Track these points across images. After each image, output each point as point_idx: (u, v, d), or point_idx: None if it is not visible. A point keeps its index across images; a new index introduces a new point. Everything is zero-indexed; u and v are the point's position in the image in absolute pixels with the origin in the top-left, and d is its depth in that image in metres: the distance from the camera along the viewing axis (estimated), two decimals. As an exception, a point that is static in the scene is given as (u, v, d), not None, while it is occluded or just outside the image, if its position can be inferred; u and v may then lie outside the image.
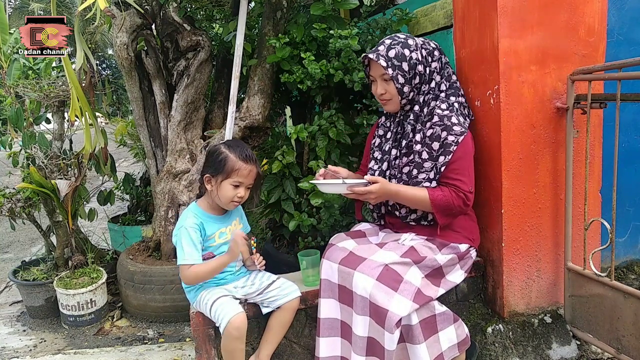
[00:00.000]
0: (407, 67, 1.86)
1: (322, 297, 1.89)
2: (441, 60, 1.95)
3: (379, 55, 1.87)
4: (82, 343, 2.71)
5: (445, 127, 1.83)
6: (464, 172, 1.82)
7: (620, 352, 1.84)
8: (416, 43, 1.90)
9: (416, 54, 1.88)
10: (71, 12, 11.17)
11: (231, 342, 1.74)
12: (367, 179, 1.79)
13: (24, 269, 3.15)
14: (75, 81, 2.75)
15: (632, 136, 2.38)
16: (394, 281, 1.70)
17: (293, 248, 2.74)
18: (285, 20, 2.73)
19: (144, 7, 2.75)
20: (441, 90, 1.94)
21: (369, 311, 1.70)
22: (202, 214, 1.83)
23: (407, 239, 1.89)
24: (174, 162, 2.86)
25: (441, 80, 1.94)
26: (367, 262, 1.77)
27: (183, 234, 1.77)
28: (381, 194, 1.81)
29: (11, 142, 3.43)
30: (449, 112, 1.87)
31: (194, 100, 2.84)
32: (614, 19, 2.18)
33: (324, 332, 1.88)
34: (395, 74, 1.85)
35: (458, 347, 1.79)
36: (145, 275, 2.73)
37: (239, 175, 1.77)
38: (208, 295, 1.82)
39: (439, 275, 1.84)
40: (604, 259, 2.22)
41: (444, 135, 1.82)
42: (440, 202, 1.80)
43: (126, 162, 6.85)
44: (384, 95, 1.92)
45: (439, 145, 1.83)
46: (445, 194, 1.80)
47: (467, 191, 1.81)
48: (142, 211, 4.00)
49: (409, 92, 1.89)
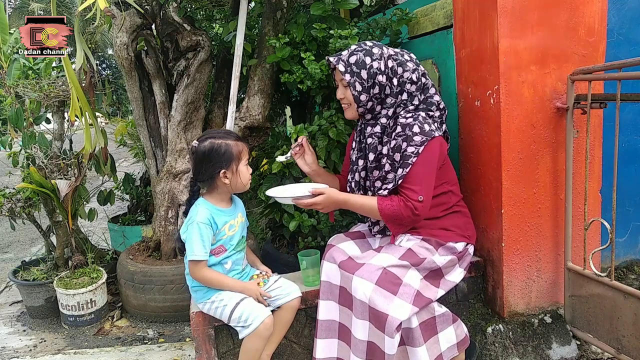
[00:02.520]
0: (366, 75, 1.80)
1: (321, 298, 1.90)
2: (417, 71, 1.85)
3: (339, 59, 1.84)
4: (82, 343, 2.71)
5: (405, 138, 1.77)
6: (416, 181, 1.75)
7: (620, 352, 1.84)
8: (382, 52, 1.82)
9: (378, 64, 1.80)
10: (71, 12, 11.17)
11: (260, 341, 1.77)
12: (312, 190, 1.78)
13: (24, 269, 3.15)
14: (75, 81, 2.75)
15: (632, 136, 2.38)
16: (393, 284, 1.70)
17: (293, 248, 2.75)
18: (285, 20, 2.73)
19: (144, 7, 2.75)
20: (413, 103, 1.86)
21: (369, 316, 1.70)
22: (213, 208, 1.83)
23: (404, 240, 1.87)
24: (174, 162, 2.86)
25: (416, 93, 1.86)
26: (366, 266, 1.76)
27: (194, 229, 1.76)
28: (328, 204, 1.80)
29: (11, 142, 3.43)
30: (412, 120, 1.79)
31: (194, 100, 2.84)
32: (614, 19, 2.19)
33: (322, 333, 1.89)
34: (353, 81, 1.81)
35: (457, 346, 1.80)
36: (145, 275, 2.73)
37: (245, 153, 1.84)
38: (224, 297, 1.81)
39: (438, 276, 1.84)
40: (604, 259, 2.23)
41: (404, 147, 1.77)
42: (388, 211, 1.77)
43: (126, 162, 6.86)
44: (343, 101, 1.90)
45: (400, 157, 1.78)
46: (393, 204, 1.76)
47: (416, 200, 1.74)
48: (142, 211, 4.00)
49: (367, 101, 1.83)
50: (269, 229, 3.17)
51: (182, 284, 2.70)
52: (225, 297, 1.81)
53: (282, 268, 2.17)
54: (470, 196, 2.19)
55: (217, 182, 1.82)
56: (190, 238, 1.77)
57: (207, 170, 1.80)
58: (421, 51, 2.51)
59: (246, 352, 1.80)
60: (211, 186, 1.85)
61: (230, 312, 1.78)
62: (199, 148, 1.79)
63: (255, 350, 1.79)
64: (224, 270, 1.87)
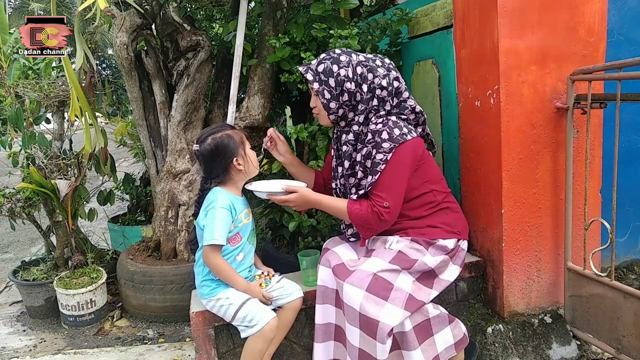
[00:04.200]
0: (334, 83, 1.80)
1: (317, 302, 1.90)
2: (388, 76, 1.83)
3: (308, 68, 1.85)
4: (82, 343, 2.71)
5: (375, 145, 1.77)
6: (384, 187, 1.76)
7: (620, 352, 1.84)
8: (349, 60, 1.81)
9: (345, 71, 1.79)
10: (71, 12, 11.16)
11: (263, 343, 1.78)
12: (285, 188, 1.81)
13: (24, 269, 3.15)
14: (75, 81, 2.75)
15: (632, 136, 2.39)
16: (383, 290, 1.69)
17: (293, 248, 2.74)
18: (285, 20, 2.73)
19: (143, 7, 2.75)
20: (385, 108, 1.84)
21: (359, 323, 1.69)
22: (231, 196, 1.86)
23: (394, 242, 1.84)
24: (173, 162, 2.86)
25: (387, 98, 1.84)
26: (357, 272, 1.75)
27: (217, 213, 1.77)
28: (301, 203, 1.84)
29: (11, 142, 3.43)
30: (382, 126, 1.78)
31: (193, 100, 2.83)
32: (614, 19, 2.18)
33: (319, 337, 1.90)
34: (321, 89, 1.81)
35: (455, 346, 1.79)
36: (145, 275, 2.73)
37: (245, 138, 1.89)
38: (230, 295, 1.82)
39: (432, 276, 1.82)
40: (604, 259, 2.22)
41: (374, 154, 1.77)
42: (356, 215, 1.79)
43: (126, 162, 6.86)
44: (314, 109, 1.91)
45: (370, 164, 1.78)
46: (362, 208, 1.78)
47: (382, 206, 1.74)
48: (142, 211, 4.00)
49: (337, 108, 1.83)
50: (269, 229, 3.17)
51: (182, 284, 2.70)
52: (231, 296, 1.81)
53: (282, 268, 2.16)
54: (471, 196, 2.19)
55: (231, 172, 1.85)
56: (212, 222, 1.77)
57: (219, 165, 1.83)
58: (421, 51, 2.51)
59: (249, 353, 1.80)
60: (225, 178, 1.87)
61: (235, 311, 1.78)
62: (204, 148, 1.81)
63: (259, 351, 1.79)
64: (236, 263, 1.88)
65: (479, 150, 2.10)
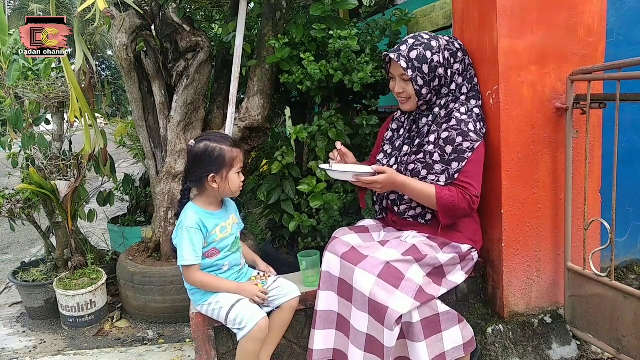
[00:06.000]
0: (428, 69, 1.84)
1: (321, 289, 1.89)
2: (464, 61, 1.93)
3: (400, 55, 1.85)
4: (82, 344, 2.71)
5: (461, 133, 1.82)
6: (474, 176, 1.82)
7: (620, 353, 1.84)
8: (439, 45, 1.87)
9: (438, 57, 1.85)
10: (71, 13, 11.16)
11: (255, 343, 1.76)
12: (375, 168, 1.78)
13: (24, 270, 3.14)
14: (74, 82, 2.75)
15: (631, 136, 2.39)
16: (395, 279, 1.70)
17: (293, 249, 2.75)
18: (284, 21, 2.73)
19: (143, 8, 2.75)
20: (462, 92, 1.93)
21: (369, 309, 1.70)
22: (202, 212, 1.83)
23: (409, 237, 1.88)
24: (173, 163, 2.86)
25: (463, 82, 1.93)
26: (369, 259, 1.76)
27: (183, 234, 1.77)
28: (387, 184, 1.80)
29: (11, 143, 3.43)
30: (467, 117, 1.86)
31: (193, 101, 2.84)
32: (613, 19, 2.19)
33: (320, 324, 1.88)
34: (415, 76, 1.84)
35: (464, 348, 1.79)
36: (145, 276, 2.73)
37: (238, 161, 1.82)
38: (220, 299, 1.81)
39: (441, 274, 1.84)
40: (604, 259, 2.22)
41: (459, 141, 1.81)
42: (446, 201, 1.79)
43: (126, 163, 6.86)
44: (402, 95, 1.92)
45: (452, 150, 1.82)
46: (452, 194, 1.79)
47: (474, 195, 1.81)
48: (142, 212, 4.00)
49: (427, 94, 1.89)
50: (269, 230, 3.17)
51: (182, 284, 2.68)
52: (221, 299, 1.81)
53: (282, 269, 2.16)
54: (470, 196, 2.19)
55: (205, 185, 1.81)
56: (181, 243, 1.77)
57: (196, 172, 1.80)
58: (421, 51, 2.51)
59: (242, 354, 1.79)
60: (200, 188, 1.85)
61: (226, 314, 1.78)
62: (194, 148, 1.79)
63: (252, 352, 1.78)
64: (222, 272, 1.87)
65: (479, 151, 2.10)
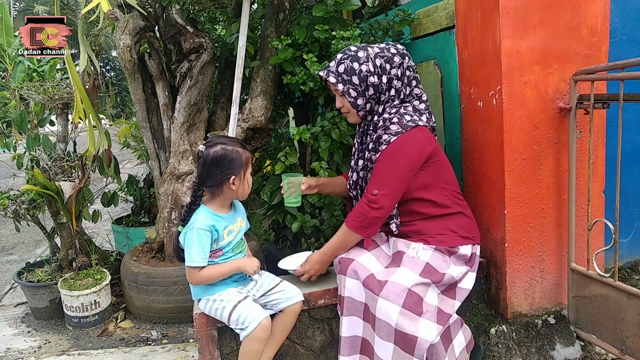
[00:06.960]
0: (358, 80, 1.81)
1: (344, 315, 1.86)
2: (402, 65, 1.87)
3: (329, 72, 1.86)
4: (86, 344, 2.72)
5: (384, 128, 1.81)
6: (376, 176, 1.78)
7: (624, 353, 1.83)
8: (367, 54, 1.84)
9: (367, 66, 1.82)
10: (75, 15, 11.20)
11: (257, 343, 1.77)
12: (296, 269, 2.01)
13: (29, 270, 3.16)
14: (79, 83, 2.76)
15: (635, 136, 2.38)
16: (417, 305, 1.68)
17: (296, 249, 2.75)
18: (287, 22, 2.74)
19: (146, 9, 2.76)
20: (400, 97, 1.89)
21: (394, 338, 1.66)
22: (214, 215, 1.82)
23: (420, 249, 1.82)
24: (177, 164, 2.87)
25: (402, 86, 1.88)
26: (390, 285, 1.71)
27: (193, 235, 1.76)
28: (315, 262, 1.95)
29: (15, 144, 3.45)
30: (394, 114, 1.83)
31: (196, 102, 2.84)
32: (616, 19, 2.18)
33: (344, 350, 1.86)
34: (347, 89, 1.83)
35: (467, 348, 1.81)
36: (149, 276, 2.74)
37: (250, 161, 1.84)
38: (222, 298, 1.82)
39: (453, 286, 1.83)
40: (608, 259, 2.22)
41: (380, 133, 1.80)
42: (352, 219, 1.82)
43: (130, 164, 6.87)
44: (343, 109, 1.92)
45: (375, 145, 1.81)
46: (354, 209, 1.80)
47: (371, 194, 1.75)
48: (146, 213, 4.01)
49: (365, 103, 1.86)
50: (272, 230, 3.18)
51: (186, 285, 2.71)
52: (224, 298, 1.81)
53: (284, 269, 2.16)
54: (473, 197, 2.18)
55: (224, 188, 1.80)
56: (190, 244, 1.77)
57: (216, 176, 1.77)
58: (423, 52, 2.51)
59: (245, 355, 1.80)
60: (216, 192, 1.82)
61: (228, 314, 1.78)
62: (209, 153, 1.76)
63: (255, 352, 1.78)
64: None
65: (482, 151, 2.10)
